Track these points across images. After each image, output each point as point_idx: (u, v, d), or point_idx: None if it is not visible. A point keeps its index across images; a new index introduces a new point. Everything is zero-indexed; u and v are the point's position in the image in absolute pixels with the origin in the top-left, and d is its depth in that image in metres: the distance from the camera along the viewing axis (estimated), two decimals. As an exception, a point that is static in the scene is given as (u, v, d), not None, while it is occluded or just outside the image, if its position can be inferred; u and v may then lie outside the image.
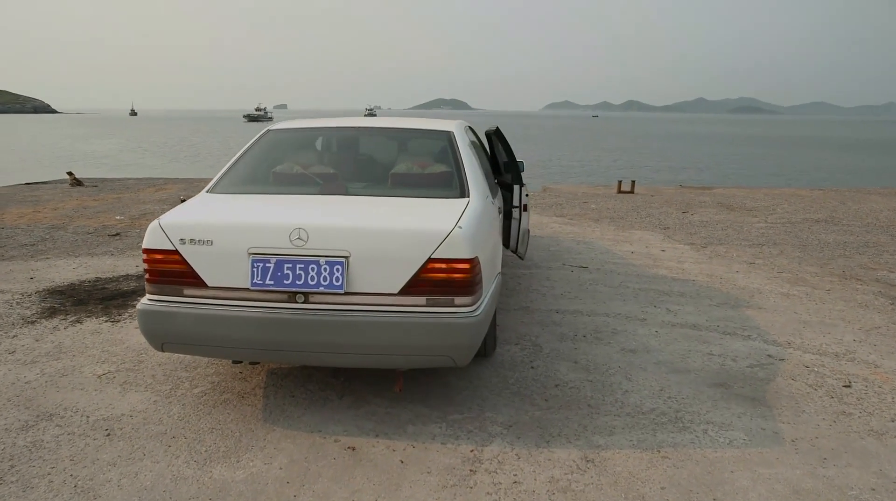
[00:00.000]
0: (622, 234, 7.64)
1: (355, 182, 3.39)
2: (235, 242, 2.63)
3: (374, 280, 2.59)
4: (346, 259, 2.57)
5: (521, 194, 4.49)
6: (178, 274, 2.68)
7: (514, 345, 3.82)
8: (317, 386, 3.21)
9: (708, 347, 3.85)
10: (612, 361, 3.60)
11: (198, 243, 2.65)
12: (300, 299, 2.61)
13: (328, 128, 3.63)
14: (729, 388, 3.27)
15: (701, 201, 10.77)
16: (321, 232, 2.59)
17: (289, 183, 3.30)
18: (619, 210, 9.54)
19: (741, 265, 6.06)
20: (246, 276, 2.61)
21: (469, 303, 2.62)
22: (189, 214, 2.80)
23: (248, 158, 3.43)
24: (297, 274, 2.58)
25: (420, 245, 2.57)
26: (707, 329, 4.18)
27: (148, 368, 3.41)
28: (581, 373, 3.42)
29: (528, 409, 3.00)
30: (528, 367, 3.49)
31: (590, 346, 3.83)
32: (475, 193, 3.13)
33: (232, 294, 2.65)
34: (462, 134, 3.60)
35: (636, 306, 4.65)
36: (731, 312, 4.57)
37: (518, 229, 4.53)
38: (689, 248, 6.85)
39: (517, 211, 4.48)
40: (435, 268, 2.57)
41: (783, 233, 7.77)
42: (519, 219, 4.51)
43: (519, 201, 4.49)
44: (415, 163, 3.43)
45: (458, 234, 2.58)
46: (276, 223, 2.64)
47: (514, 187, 4.45)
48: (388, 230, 2.62)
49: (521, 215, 4.50)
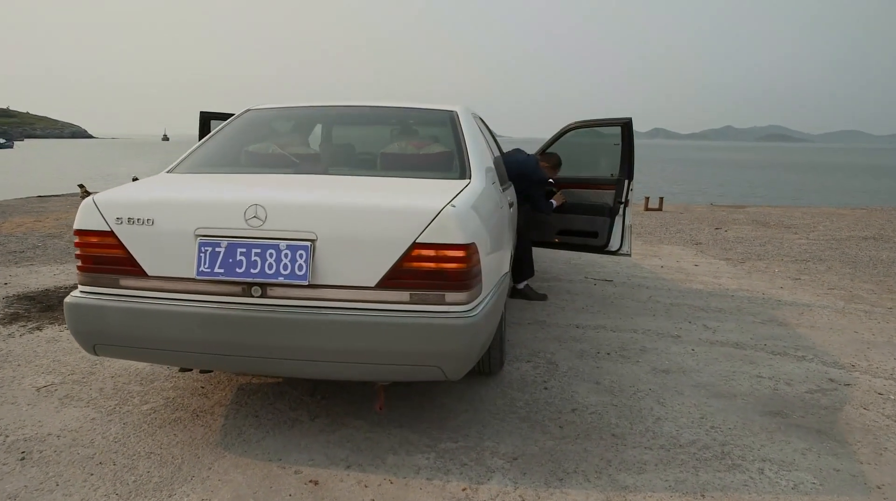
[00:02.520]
0: (651, 248, 7.05)
1: (340, 163, 2.93)
2: (180, 221, 2.16)
3: (346, 270, 2.09)
4: (311, 243, 2.09)
5: (627, 189, 4.35)
6: (113, 261, 2.22)
7: (525, 362, 3.27)
8: (287, 405, 2.70)
9: (755, 368, 3.25)
10: (640, 382, 3.03)
11: (136, 222, 2.19)
12: (256, 293, 2.13)
13: (315, 107, 3.18)
14: (786, 417, 2.67)
15: (734, 218, 10.11)
16: (282, 209, 2.11)
17: (262, 163, 2.84)
18: (646, 226, 8.94)
19: (785, 281, 5.43)
20: (192, 263, 2.14)
21: (464, 300, 2.10)
22: (129, 189, 2.35)
23: (221, 137, 2.99)
24: (253, 261, 2.10)
25: (403, 227, 2.07)
26: (753, 348, 3.58)
27: (98, 380, 2.94)
28: (604, 396, 2.86)
29: (539, 438, 2.45)
30: (540, 388, 2.94)
31: (614, 365, 3.26)
32: (478, 175, 2.63)
33: (175, 285, 2.18)
34: (468, 115, 3.12)
35: (668, 322, 4.07)
36: (780, 329, 3.96)
37: (623, 225, 4.43)
38: (724, 263, 6.23)
39: (622, 207, 4.43)
40: (421, 256, 2.07)
41: (828, 249, 7.10)
42: (623, 215, 4.40)
43: (625, 196, 4.36)
44: (410, 143, 2.96)
45: (450, 213, 2.07)
46: (228, 199, 2.17)
47: (623, 182, 4.35)
48: (364, 208, 2.13)
49: (624, 211, 4.41)
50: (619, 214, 4.41)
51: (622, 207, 4.39)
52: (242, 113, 3.22)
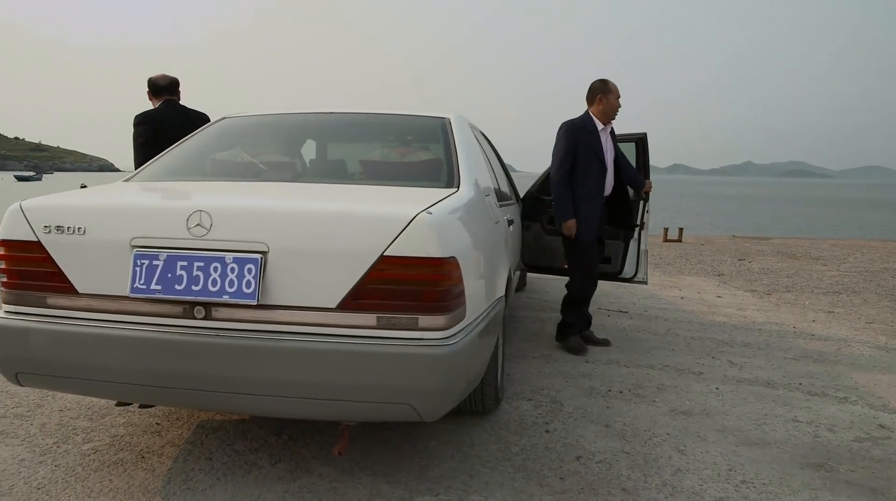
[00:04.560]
0: (670, 279, 6.64)
1: (314, 172, 2.64)
2: (114, 230, 1.87)
3: (302, 289, 1.77)
4: (261, 256, 1.78)
5: (644, 210, 3.92)
6: (40, 276, 1.92)
7: (525, 400, 2.89)
8: (248, 446, 2.35)
9: (791, 410, 2.84)
10: (657, 425, 2.64)
11: (66, 231, 1.90)
12: (199, 314, 1.81)
13: (297, 114, 2.91)
14: (831, 471, 2.26)
15: (758, 249, 9.65)
16: (228, 217, 1.81)
17: (228, 172, 2.55)
18: (665, 257, 8.53)
19: (817, 314, 4.98)
20: (127, 278, 1.83)
21: (441, 326, 1.76)
22: (62, 195, 2.07)
23: (190, 144, 2.72)
24: (194, 276, 1.79)
25: (368, 237, 1.75)
26: (786, 388, 3.16)
27: (44, 414, 2.63)
28: (614, 441, 2.47)
29: (535, 492, 2.06)
30: (541, 430, 2.56)
31: (627, 405, 2.87)
32: (469, 185, 2.32)
33: (108, 305, 1.87)
34: (462, 123, 2.83)
35: (689, 357, 3.66)
36: (816, 367, 3.53)
37: (638, 249, 3.98)
38: (750, 295, 5.80)
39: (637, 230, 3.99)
40: (390, 272, 1.74)
41: (863, 281, 6.62)
42: (639, 239, 3.96)
43: (640, 217, 3.93)
44: (394, 150, 2.66)
45: (425, 221, 1.75)
46: (169, 205, 1.88)
47: (639, 203, 3.92)
48: (322, 215, 1.82)
49: (639, 234, 3.97)
50: (633, 238, 4.02)
51: (637, 230, 4.00)
52: (218, 120, 2.96)
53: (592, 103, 3.69)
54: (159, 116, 3.45)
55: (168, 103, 3.54)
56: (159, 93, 3.57)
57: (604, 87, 3.65)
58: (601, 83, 3.67)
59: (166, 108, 3.52)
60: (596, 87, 3.67)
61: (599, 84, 3.67)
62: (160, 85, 3.57)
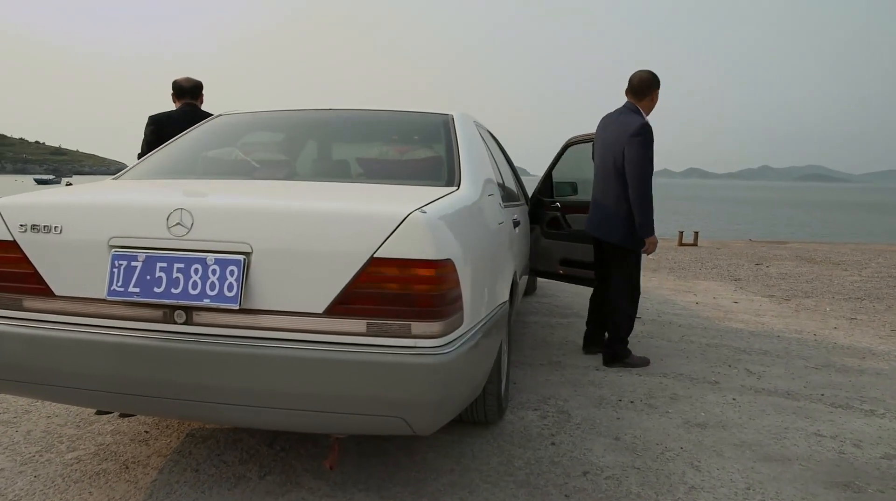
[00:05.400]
0: (684, 284, 6.46)
1: (309, 170, 2.53)
2: (92, 229, 1.77)
3: (287, 292, 1.66)
4: (244, 257, 1.67)
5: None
6: (15, 277, 1.83)
7: (531, 410, 2.76)
8: (238, 457, 2.24)
9: (813, 424, 2.68)
10: (670, 439, 2.49)
11: (43, 230, 1.80)
12: (180, 318, 1.70)
13: (295, 110, 2.80)
14: (860, 491, 2.10)
15: (776, 253, 9.42)
16: (210, 215, 1.70)
17: (220, 170, 2.45)
18: (680, 261, 8.34)
19: (839, 321, 4.79)
20: (105, 280, 1.73)
21: (435, 333, 1.64)
22: (39, 193, 1.97)
23: (183, 142, 2.63)
24: (174, 278, 1.69)
25: (358, 237, 1.64)
26: (808, 399, 2.99)
27: (30, 421, 2.54)
28: (624, 455, 2.33)
29: (538, 510, 1.93)
30: (547, 443, 2.42)
31: (639, 416, 2.73)
32: (470, 184, 2.20)
33: (86, 308, 1.77)
34: (466, 121, 2.71)
35: (704, 366, 3.51)
36: (839, 377, 3.36)
37: None
38: (767, 300, 5.61)
39: None
40: (381, 274, 1.63)
41: (886, 287, 6.40)
42: None
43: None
44: (393, 148, 2.55)
45: (418, 220, 1.63)
46: (149, 203, 1.77)
47: None
48: (310, 214, 1.70)
49: None
50: None
51: None
52: (214, 117, 2.87)
53: (645, 97, 3.29)
54: (167, 118, 3.45)
55: (186, 106, 3.53)
56: (181, 95, 3.60)
57: (657, 81, 3.30)
58: (655, 77, 3.30)
59: (180, 110, 3.55)
60: (652, 80, 3.28)
61: (655, 77, 3.30)
62: (183, 87, 3.60)
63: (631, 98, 3.35)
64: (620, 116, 3.31)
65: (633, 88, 3.32)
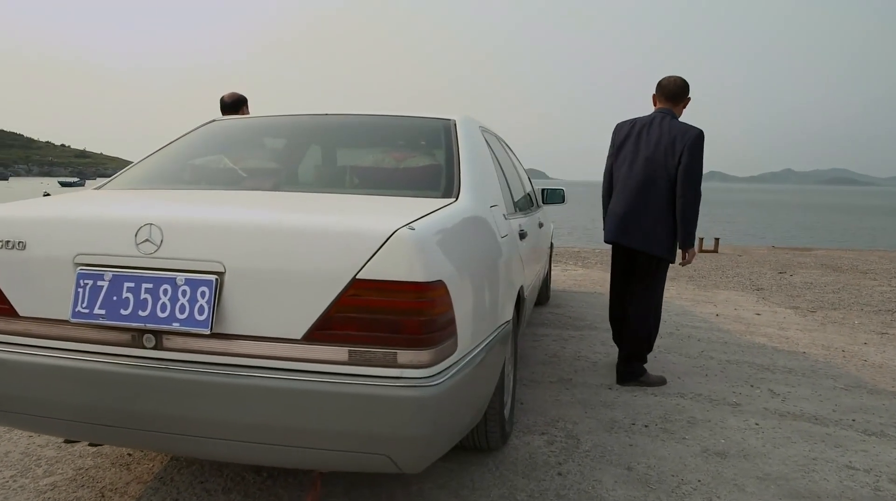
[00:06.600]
0: (704, 294, 6.23)
1: (298, 179, 2.39)
2: (57, 245, 1.65)
3: (263, 316, 1.52)
4: (217, 278, 1.53)
5: None
6: None
7: (538, 435, 2.58)
8: (221, 484, 2.10)
9: (844, 454, 2.47)
10: (687, 469, 2.30)
11: (6, 246, 1.68)
12: (149, 343, 1.57)
13: (289, 116, 2.67)
14: (898, 536, 1.90)
15: (800, 261, 9.11)
16: (180, 231, 1.57)
17: (206, 179, 2.33)
18: (700, 269, 8.08)
19: (869, 336, 4.54)
20: (69, 300, 1.61)
21: (424, 362, 1.49)
22: (5, 206, 1.85)
23: (169, 150, 2.51)
24: (142, 300, 1.55)
25: (339, 257, 1.49)
26: (837, 424, 2.78)
27: (10, 441, 2.43)
28: (636, 489, 2.15)
29: (540, 554, 1.76)
30: (553, 473, 2.25)
31: (653, 442, 2.54)
32: (471, 194, 2.04)
33: (50, 330, 1.65)
34: (470, 126, 2.55)
35: (724, 385, 3.30)
36: (871, 399, 3.13)
37: None
38: (792, 312, 5.36)
39: None
40: (364, 298, 1.48)
41: (918, 299, 6.10)
42: None
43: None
44: (390, 155, 2.40)
45: (406, 238, 1.48)
46: (116, 218, 1.64)
47: None
48: (287, 230, 1.56)
49: None
50: None
51: None
52: (205, 124, 2.75)
53: (680, 102, 3.21)
54: None
55: None
56: (224, 110, 3.80)
57: (688, 86, 3.21)
58: (687, 82, 3.21)
59: None
60: (686, 85, 3.19)
61: (687, 83, 3.21)
62: (226, 103, 3.84)
63: (665, 104, 3.22)
64: (663, 123, 3.15)
65: (669, 93, 3.21)
